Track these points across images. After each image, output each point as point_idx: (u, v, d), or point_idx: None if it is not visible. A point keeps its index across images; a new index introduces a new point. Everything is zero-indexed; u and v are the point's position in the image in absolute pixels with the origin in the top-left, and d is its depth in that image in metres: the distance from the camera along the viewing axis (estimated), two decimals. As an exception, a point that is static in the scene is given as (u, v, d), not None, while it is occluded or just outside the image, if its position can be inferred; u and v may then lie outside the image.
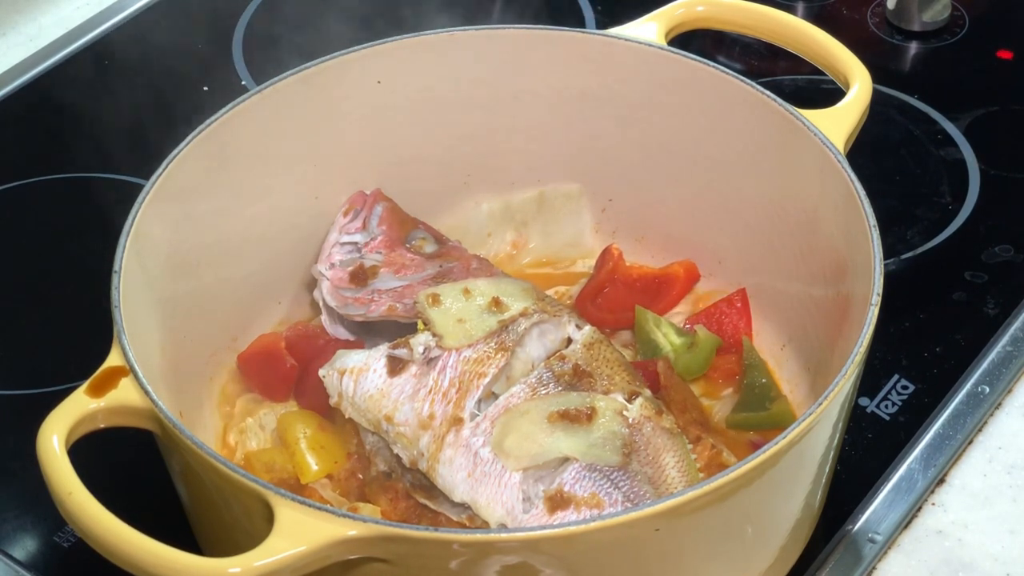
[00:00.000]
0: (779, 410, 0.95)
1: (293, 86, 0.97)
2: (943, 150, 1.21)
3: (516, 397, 0.87)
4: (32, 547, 0.94)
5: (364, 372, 0.90)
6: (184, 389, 0.91)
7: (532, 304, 0.92)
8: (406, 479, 0.89)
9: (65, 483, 0.73)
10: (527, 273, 1.07)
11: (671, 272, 1.05)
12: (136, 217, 0.87)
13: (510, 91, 1.03)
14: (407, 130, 1.03)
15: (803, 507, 0.85)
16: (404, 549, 0.72)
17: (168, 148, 0.91)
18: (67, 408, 0.76)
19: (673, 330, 0.99)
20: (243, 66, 1.33)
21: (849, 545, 0.92)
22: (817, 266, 0.94)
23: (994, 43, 1.35)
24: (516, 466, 0.84)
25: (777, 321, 1.00)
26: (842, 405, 0.81)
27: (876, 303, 0.81)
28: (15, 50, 1.38)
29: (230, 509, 0.77)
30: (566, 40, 1.01)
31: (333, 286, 0.98)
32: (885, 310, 0.81)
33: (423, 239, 1.01)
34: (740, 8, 1.02)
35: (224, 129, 0.94)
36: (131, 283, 0.83)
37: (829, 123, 0.92)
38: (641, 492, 0.84)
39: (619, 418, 0.86)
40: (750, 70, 1.27)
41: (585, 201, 1.08)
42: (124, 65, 1.35)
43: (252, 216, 0.98)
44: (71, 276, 1.13)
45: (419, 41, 1.00)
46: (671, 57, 0.98)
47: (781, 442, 0.74)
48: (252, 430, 0.96)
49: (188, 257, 0.93)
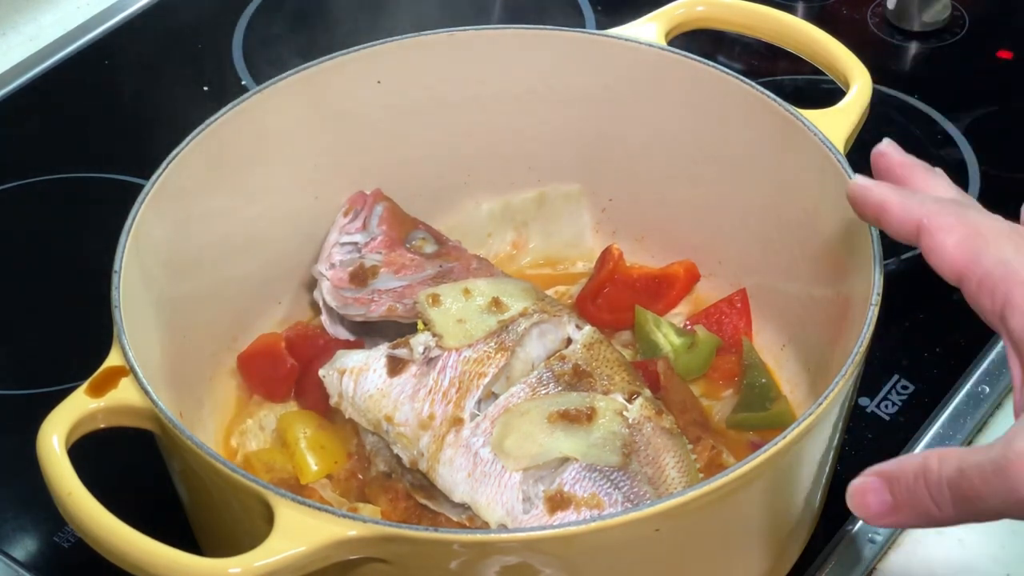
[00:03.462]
0: (779, 410, 0.95)
1: (293, 86, 0.97)
2: (943, 150, 1.21)
3: (516, 397, 0.87)
4: (32, 547, 0.94)
5: (364, 372, 0.90)
6: (184, 389, 0.91)
7: (532, 304, 0.92)
8: (406, 479, 0.89)
9: (65, 483, 0.73)
10: (527, 273, 1.07)
11: (671, 272, 1.05)
12: (136, 217, 0.87)
13: (510, 91, 1.03)
14: (407, 130, 1.03)
15: (803, 507, 0.85)
16: (404, 549, 0.72)
17: (168, 148, 0.91)
18: (67, 408, 0.76)
19: (673, 330, 0.99)
20: (243, 66, 1.33)
21: (849, 545, 0.92)
22: (817, 266, 0.94)
23: (994, 43, 1.35)
24: (516, 466, 0.84)
25: (777, 321, 1.00)
26: (842, 405, 0.81)
27: (876, 303, 0.81)
28: (15, 50, 1.38)
29: (230, 509, 0.77)
30: (566, 40, 1.01)
31: (333, 286, 0.98)
32: (885, 310, 0.81)
33: (423, 239, 1.01)
34: (740, 8, 1.02)
35: (224, 129, 0.94)
36: (131, 283, 0.83)
37: (829, 123, 0.92)
38: (641, 492, 0.84)
39: (619, 418, 0.86)
40: (750, 70, 1.27)
41: (585, 201, 1.08)
42: (124, 65, 1.35)
43: (252, 216, 0.98)
44: (71, 276, 1.13)
45: (419, 41, 1.00)
46: (671, 57, 0.98)
47: (781, 442, 0.74)
48: (252, 430, 0.96)
49: (188, 257, 0.93)
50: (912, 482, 0.67)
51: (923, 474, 0.67)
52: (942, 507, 0.66)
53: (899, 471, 0.68)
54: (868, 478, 0.69)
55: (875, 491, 0.68)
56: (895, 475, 0.68)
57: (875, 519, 0.69)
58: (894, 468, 0.68)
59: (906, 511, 0.68)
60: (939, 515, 0.66)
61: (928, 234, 0.72)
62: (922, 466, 0.67)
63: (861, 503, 0.69)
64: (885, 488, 0.68)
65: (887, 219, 0.75)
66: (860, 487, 0.69)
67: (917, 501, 0.67)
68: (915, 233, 0.73)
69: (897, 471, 0.68)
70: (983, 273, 0.70)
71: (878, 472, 0.69)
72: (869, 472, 0.69)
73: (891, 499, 0.68)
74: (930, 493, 0.66)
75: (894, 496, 0.68)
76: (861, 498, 0.69)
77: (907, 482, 0.67)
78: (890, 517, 0.68)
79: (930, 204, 0.73)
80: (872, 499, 0.69)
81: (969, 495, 0.65)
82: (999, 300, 0.69)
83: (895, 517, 0.68)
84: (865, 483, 0.69)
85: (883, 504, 0.68)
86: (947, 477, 0.66)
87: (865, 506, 0.69)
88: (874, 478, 0.69)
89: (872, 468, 0.69)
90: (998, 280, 0.69)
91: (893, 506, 0.68)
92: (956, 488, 0.65)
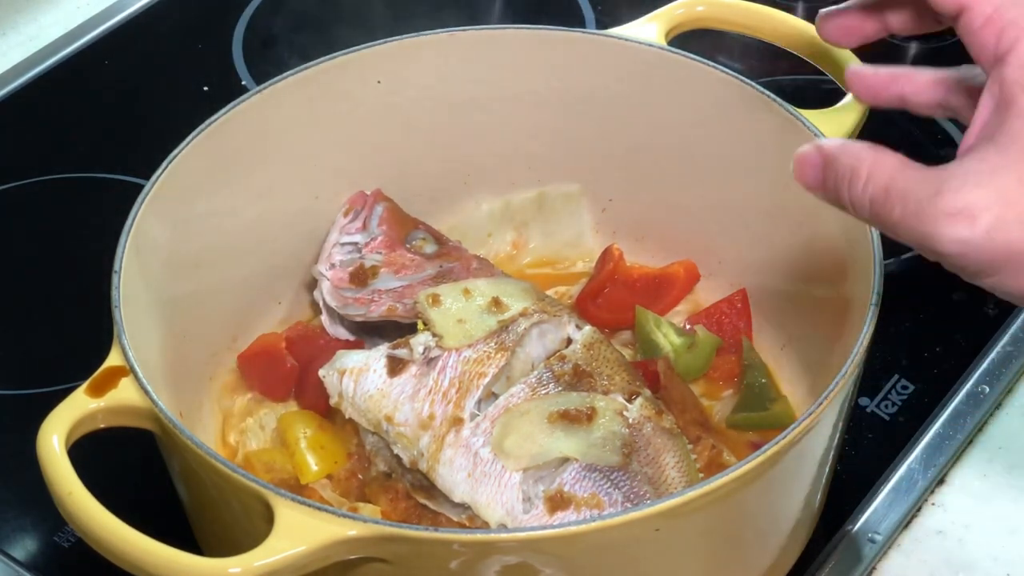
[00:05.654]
0: (779, 410, 0.95)
1: (293, 86, 0.97)
2: (943, 150, 1.21)
3: (516, 397, 0.87)
4: (32, 547, 0.94)
5: (364, 372, 0.90)
6: (184, 389, 0.91)
7: (532, 304, 0.92)
8: (406, 479, 0.89)
9: (65, 483, 0.73)
10: (527, 273, 1.07)
11: (671, 272, 1.05)
12: (136, 217, 0.87)
13: (510, 91, 1.03)
14: (407, 130, 1.03)
15: (803, 507, 0.85)
16: (404, 549, 0.72)
17: (168, 148, 0.91)
18: (67, 408, 0.76)
19: (673, 330, 0.99)
20: (243, 66, 1.33)
21: (849, 545, 0.92)
22: (817, 266, 0.94)
23: (994, 43, 1.34)
24: (516, 466, 0.84)
25: (777, 321, 1.00)
26: (842, 405, 0.81)
27: (876, 303, 0.81)
28: (15, 50, 1.38)
29: (230, 509, 0.77)
30: (566, 40, 1.01)
31: (333, 286, 0.98)
32: (885, 310, 0.81)
33: (423, 239, 1.01)
34: (740, 8, 1.02)
35: (224, 129, 0.94)
36: (131, 283, 0.83)
37: (829, 123, 0.92)
38: (641, 492, 0.84)
39: (619, 418, 0.86)
40: (750, 70, 1.27)
41: (585, 201, 1.08)
42: (124, 65, 1.36)
43: (252, 216, 0.98)
44: (71, 276, 1.13)
45: (419, 41, 1.00)
46: (671, 57, 0.98)
47: (781, 442, 0.74)
48: (252, 430, 0.96)
49: (188, 257, 0.93)
50: (839, 176, 0.68)
51: (851, 176, 0.68)
52: (858, 212, 0.68)
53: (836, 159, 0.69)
54: (813, 151, 0.70)
55: (813, 166, 0.70)
56: (832, 160, 0.69)
57: (806, 187, 0.71)
58: (835, 152, 0.69)
59: (830, 195, 0.70)
60: (854, 214, 0.69)
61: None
62: (854, 169, 0.68)
63: (800, 171, 0.71)
64: (820, 167, 0.70)
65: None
66: (805, 156, 0.71)
67: (838, 195, 0.69)
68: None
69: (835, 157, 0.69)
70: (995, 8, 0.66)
71: (821, 149, 0.70)
72: (817, 144, 0.70)
73: (821, 178, 0.70)
74: (851, 196, 0.68)
75: (824, 177, 0.70)
76: (801, 167, 0.71)
77: (838, 173, 0.68)
78: (817, 191, 0.71)
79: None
80: (808, 171, 0.70)
81: (884, 219, 0.66)
82: (1004, 43, 0.65)
83: (821, 192, 0.70)
84: (809, 155, 0.70)
85: (815, 180, 0.70)
86: (871, 193, 0.67)
87: (803, 175, 0.71)
88: (816, 154, 0.70)
89: (822, 142, 0.70)
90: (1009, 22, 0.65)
91: (821, 184, 0.70)
92: (876, 204, 0.67)
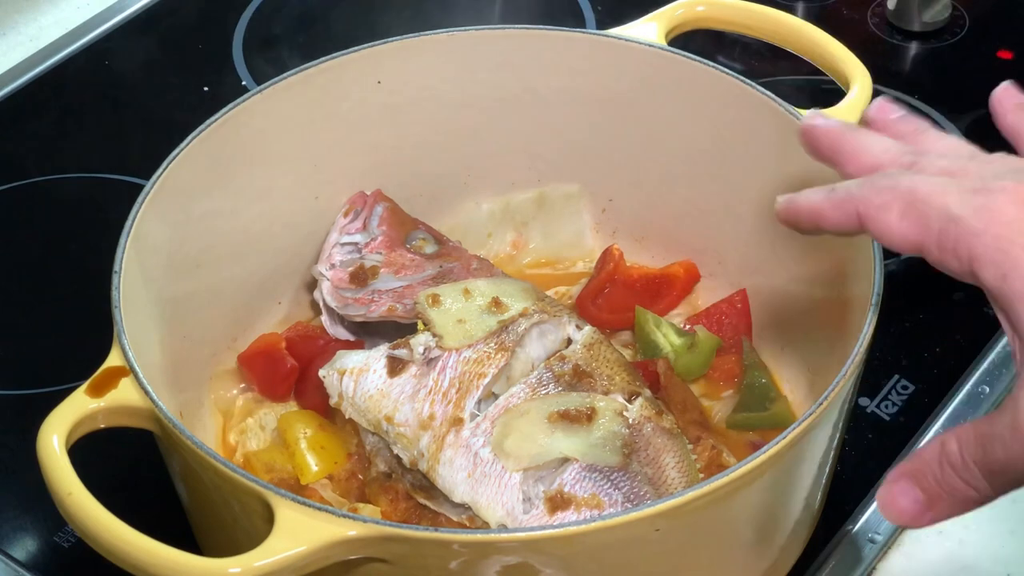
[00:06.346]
0: (779, 410, 0.95)
1: (293, 86, 0.97)
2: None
3: (516, 397, 0.87)
4: (32, 547, 0.94)
5: (364, 372, 0.90)
6: (184, 389, 0.91)
7: (532, 304, 0.92)
8: (406, 479, 0.89)
9: (65, 483, 0.73)
10: (527, 273, 1.07)
11: (671, 272, 1.05)
12: (136, 217, 0.87)
13: (510, 91, 1.03)
14: (407, 130, 1.03)
15: (803, 507, 0.85)
16: (404, 549, 0.72)
17: (168, 148, 0.91)
18: (67, 408, 0.76)
19: (673, 330, 0.99)
20: (243, 66, 1.33)
21: (849, 545, 0.92)
22: (817, 266, 0.94)
23: (994, 43, 1.35)
24: (516, 466, 0.84)
25: (777, 321, 1.00)
26: (842, 405, 0.81)
27: (876, 303, 0.81)
28: (15, 50, 1.38)
29: (230, 509, 0.77)
30: (566, 40, 1.01)
31: (333, 286, 0.98)
32: (885, 310, 0.81)
33: (423, 239, 1.01)
34: (740, 8, 1.02)
35: (224, 129, 0.94)
36: (131, 283, 0.83)
37: (829, 123, 0.92)
38: (641, 492, 0.84)
39: (619, 418, 0.86)
40: (750, 70, 1.27)
41: (585, 201, 1.08)
42: (124, 65, 1.36)
43: (252, 216, 0.98)
44: (71, 276, 1.13)
45: (419, 41, 1.00)
46: (671, 57, 0.98)
47: (781, 442, 0.74)
48: (252, 430, 0.96)
49: (188, 257, 0.93)
50: (939, 471, 0.63)
51: (946, 460, 0.63)
52: (978, 486, 0.63)
53: (920, 465, 0.64)
54: (892, 483, 0.65)
55: (904, 493, 0.65)
56: (918, 470, 0.64)
57: (914, 520, 0.65)
58: (915, 464, 0.64)
59: (943, 502, 0.64)
60: (978, 495, 0.63)
61: (869, 220, 0.68)
62: (942, 452, 0.63)
63: (894, 510, 0.65)
64: (913, 486, 0.64)
65: (826, 223, 0.70)
66: (888, 494, 0.65)
67: (951, 488, 0.63)
68: (859, 224, 0.68)
69: (919, 465, 0.64)
70: (936, 237, 0.65)
71: (900, 473, 0.65)
72: (891, 477, 0.65)
73: (923, 495, 0.64)
74: (960, 476, 0.63)
75: (925, 491, 0.64)
76: (892, 505, 0.65)
77: (933, 473, 0.64)
78: (928, 513, 0.64)
79: (858, 189, 0.68)
80: (904, 501, 0.65)
81: (997, 467, 0.61)
82: (964, 258, 0.64)
83: (934, 511, 0.64)
84: (891, 489, 0.65)
85: (917, 503, 0.64)
86: (971, 456, 0.62)
87: (900, 511, 0.65)
88: (898, 481, 0.65)
89: (892, 473, 0.65)
90: (954, 239, 0.65)
91: (927, 502, 0.64)
92: (983, 464, 0.62)
